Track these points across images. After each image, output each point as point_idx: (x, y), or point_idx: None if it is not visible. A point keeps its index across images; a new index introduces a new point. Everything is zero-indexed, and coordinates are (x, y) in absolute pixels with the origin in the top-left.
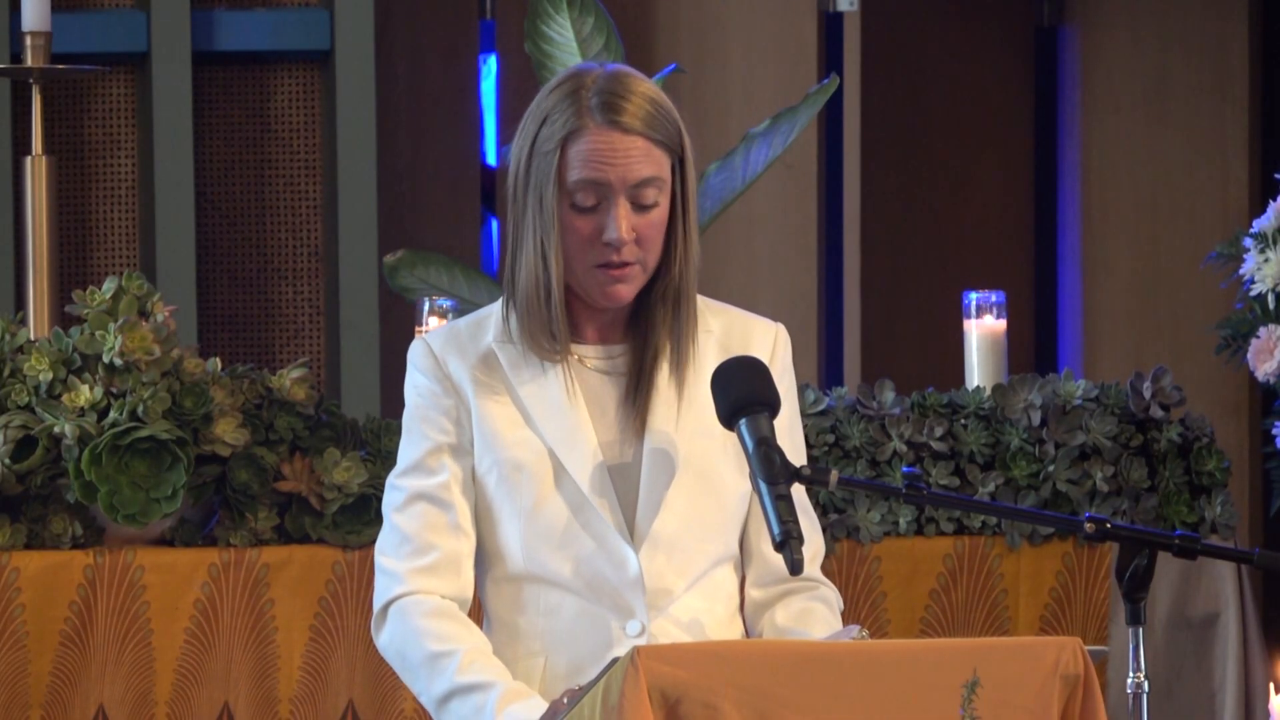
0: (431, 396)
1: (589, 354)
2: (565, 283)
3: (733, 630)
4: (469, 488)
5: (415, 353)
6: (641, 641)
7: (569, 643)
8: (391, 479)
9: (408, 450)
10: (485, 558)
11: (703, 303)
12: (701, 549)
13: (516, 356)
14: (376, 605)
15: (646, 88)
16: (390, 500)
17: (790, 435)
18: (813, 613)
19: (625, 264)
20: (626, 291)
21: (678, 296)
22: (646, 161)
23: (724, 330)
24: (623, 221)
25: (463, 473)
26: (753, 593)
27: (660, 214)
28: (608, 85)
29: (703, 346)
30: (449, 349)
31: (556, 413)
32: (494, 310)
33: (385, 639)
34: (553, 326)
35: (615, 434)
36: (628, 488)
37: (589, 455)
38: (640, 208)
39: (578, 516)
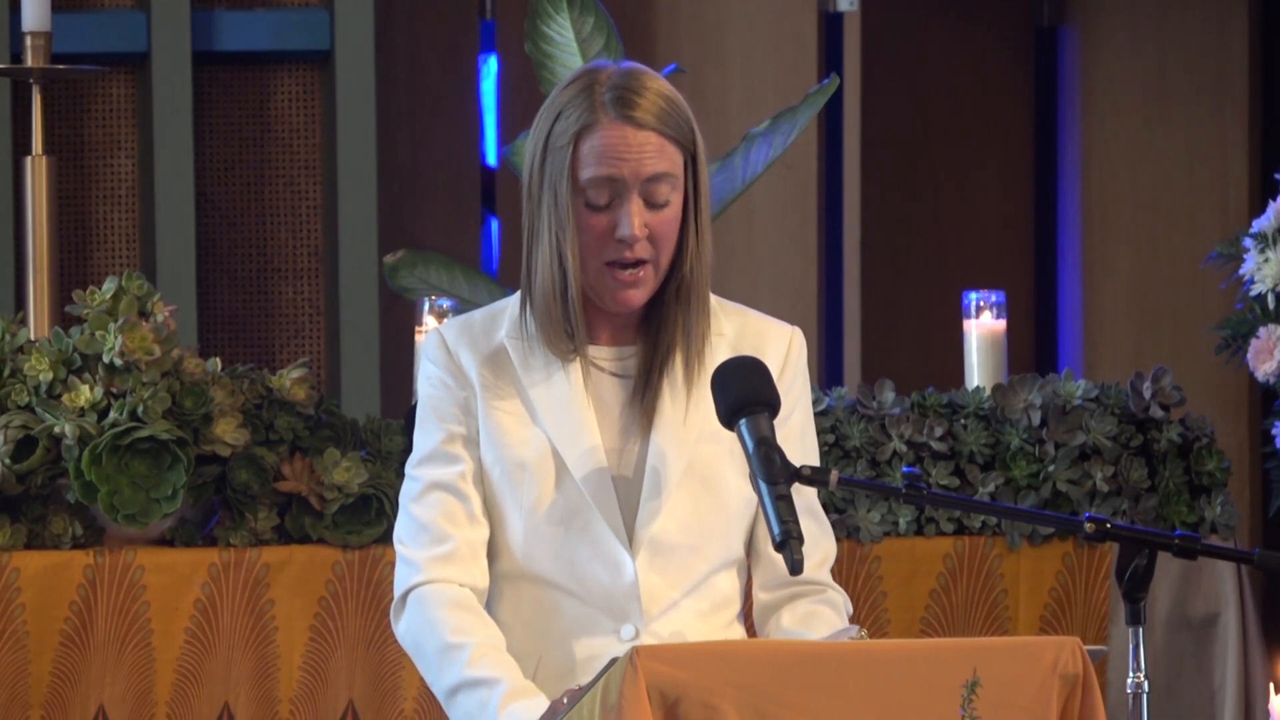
0: (444, 388)
1: (601, 355)
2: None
3: (731, 636)
4: (481, 479)
5: (429, 344)
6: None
7: (563, 644)
8: (408, 469)
9: (423, 441)
10: (488, 552)
11: (717, 304)
12: (701, 555)
13: (527, 353)
14: (396, 593)
15: (660, 84)
16: (407, 490)
17: (803, 439)
18: (818, 616)
19: (639, 262)
20: (638, 296)
21: (689, 295)
22: (660, 157)
23: (737, 333)
24: (635, 218)
25: (475, 464)
26: (760, 596)
27: (673, 212)
28: (621, 81)
29: (714, 350)
30: (461, 342)
31: (563, 413)
32: (509, 304)
33: (403, 627)
34: (569, 325)
35: (621, 437)
36: (630, 492)
37: (592, 457)
38: (653, 205)
39: (576, 519)
